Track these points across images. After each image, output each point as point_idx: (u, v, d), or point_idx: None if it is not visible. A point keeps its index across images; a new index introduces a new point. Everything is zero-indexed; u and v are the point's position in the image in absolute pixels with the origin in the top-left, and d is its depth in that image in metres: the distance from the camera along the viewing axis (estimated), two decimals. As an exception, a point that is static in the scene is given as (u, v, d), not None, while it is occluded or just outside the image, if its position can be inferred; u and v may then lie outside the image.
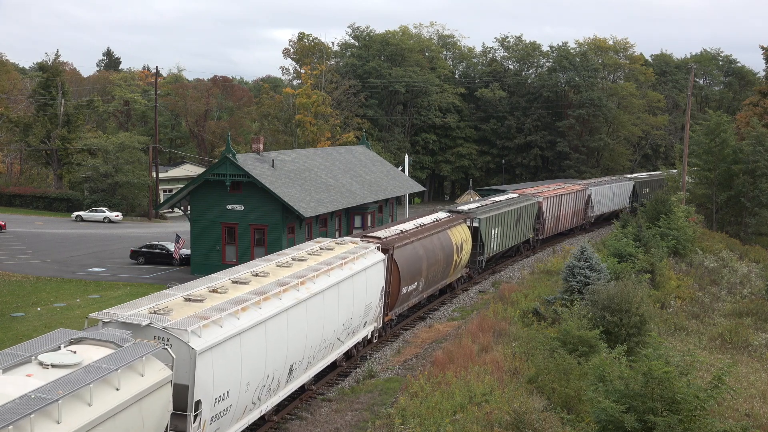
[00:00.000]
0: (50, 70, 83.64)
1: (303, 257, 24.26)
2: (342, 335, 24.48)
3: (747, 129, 66.36)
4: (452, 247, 36.26)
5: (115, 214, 71.03)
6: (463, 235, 38.36)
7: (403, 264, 30.13)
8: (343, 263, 24.44)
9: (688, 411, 17.74)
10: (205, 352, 16.34)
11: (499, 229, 44.22)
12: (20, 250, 51.99)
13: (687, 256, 47.60)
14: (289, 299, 20.31)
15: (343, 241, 27.72)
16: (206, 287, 19.70)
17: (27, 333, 31.36)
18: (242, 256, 42.82)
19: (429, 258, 33.00)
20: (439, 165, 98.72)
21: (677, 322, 33.69)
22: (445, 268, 35.89)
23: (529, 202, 50.36)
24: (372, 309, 27.11)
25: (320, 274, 22.71)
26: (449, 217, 39.32)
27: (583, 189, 61.32)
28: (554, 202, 54.66)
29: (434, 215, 38.96)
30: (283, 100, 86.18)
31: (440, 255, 34.58)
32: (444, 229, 36.16)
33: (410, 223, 34.82)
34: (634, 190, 73.06)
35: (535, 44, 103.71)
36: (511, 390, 21.88)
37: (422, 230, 34.05)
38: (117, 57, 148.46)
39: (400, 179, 59.46)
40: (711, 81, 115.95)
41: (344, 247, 26.82)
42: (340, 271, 23.91)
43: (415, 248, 31.83)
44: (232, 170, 42.64)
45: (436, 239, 34.55)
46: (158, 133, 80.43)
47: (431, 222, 36.63)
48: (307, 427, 21.62)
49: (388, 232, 31.34)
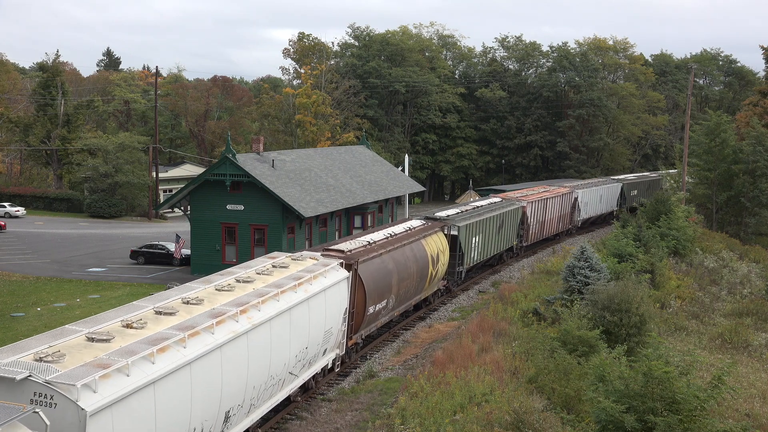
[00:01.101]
0: (50, 70, 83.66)
1: (249, 278, 20.71)
2: (295, 368, 21.13)
3: (747, 129, 66.34)
4: (427, 258, 33.16)
5: (16, 209, 70.51)
6: (439, 245, 35.31)
7: (369, 280, 27.06)
8: (297, 284, 21.05)
9: (688, 411, 17.75)
10: (99, 412, 12.78)
11: (480, 237, 41.27)
12: (20, 250, 51.99)
13: (687, 256, 47.60)
14: (223, 333, 16.93)
15: (301, 256, 24.48)
16: (119, 320, 16.03)
17: (27, 333, 31.36)
18: (242, 256, 42.83)
19: (400, 272, 29.94)
20: (439, 165, 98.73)
21: (677, 322, 33.69)
22: (419, 282, 32.71)
23: (512, 206, 47.40)
24: (333, 334, 23.84)
25: (268, 299, 19.29)
26: (424, 225, 35.98)
27: (569, 192, 58.26)
28: (539, 206, 51.67)
29: (407, 223, 35.62)
30: (283, 100, 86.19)
31: (413, 268, 31.46)
32: (418, 239, 33.00)
33: (379, 233, 31.55)
34: (622, 193, 69.97)
35: (535, 44, 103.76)
36: (511, 390, 21.89)
37: (392, 241, 30.95)
38: (117, 57, 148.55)
39: (400, 179, 59.46)
40: (711, 81, 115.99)
41: (301, 264, 23.51)
42: (292, 295, 20.58)
43: (383, 262, 28.72)
44: (232, 170, 42.64)
45: (408, 251, 31.42)
46: (158, 133, 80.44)
47: (403, 231, 33.40)
48: (307, 427, 21.63)
49: (354, 244, 28.14)
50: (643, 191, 73.65)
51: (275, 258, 24.00)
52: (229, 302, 18.48)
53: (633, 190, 72.31)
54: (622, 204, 69.45)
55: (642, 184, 74.71)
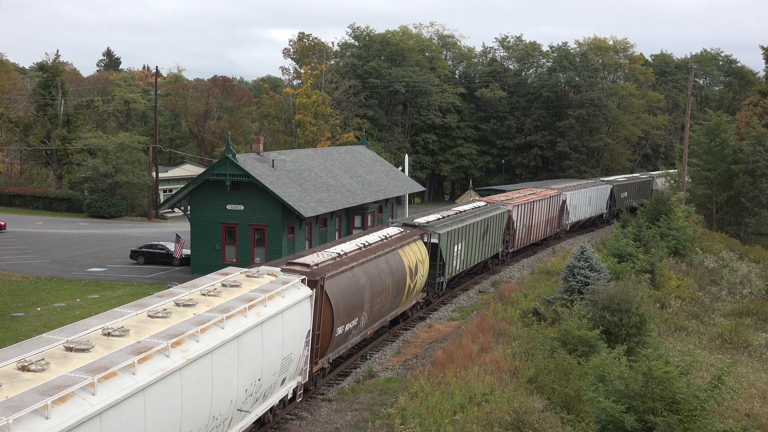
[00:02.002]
0: (50, 70, 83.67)
1: (191, 301, 18.00)
2: (246, 403, 18.49)
3: (747, 129, 66.38)
4: (404, 270, 30.45)
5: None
6: (418, 254, 32.69)
7: (337, 298, 24.30)
8: (247, 307, 18.27)
9: (688, 411, 17.76)
10: None
11: (462, 244, 38.63)
12: (20, 250, 52.00)
13: (687, 256, 47.63)
14: (148, 373, 14.14)
15: (258, 273, 21.66)
16: (15, 362, 13.25)
17: (27, 333, 31.37)
18: (242, 256, 42.89)
19: (374, 286, 27.36)
20: (439, 165, 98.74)
21: (677, 322, 33.71)
22: (396, 297, 30.05)
23: (497, 211, 44.83)
24: (293, 361, 21.09)
25: (209, 327, 16.63)
26: (402, 233, 33.31)
27: (557, 194, 55.82)
28: (526, 209, 49.08)
29: (383, 231, 32.99)
30: (283, 100, 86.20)
31: (388, 281, 28.82)
32: (394, 249, 30.35)
33: (351, 243, 28.92)
34: (612, 195, 67.59)
35: (535, 44, 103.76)
36: (511, 390, 21.90)
37: (365, 252, 28.33)
38: (117, 57, 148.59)
39: (400, 179, 59.47)
40: (711, 81, 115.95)
41: (256, 282, 20.73)
42: (241, 320, 17.86)
43: (354, 276, 26.06)
44: (232, 170, 42.65)
45: (383, 262, 28.76)
46: (158, 133, 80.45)
47: (378, 240, 30.63)
48: (307, 427, 21.64)
49: (322, 257, 25.56)
50: (633, 193, 71.88)
51: (227, 275, 21.13)
52: (161, 333, 15.74)
53: (623, 192, 70.16)
54: (611, 206, 67.69)
55: (632, 185, 72.70)
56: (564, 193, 57.03)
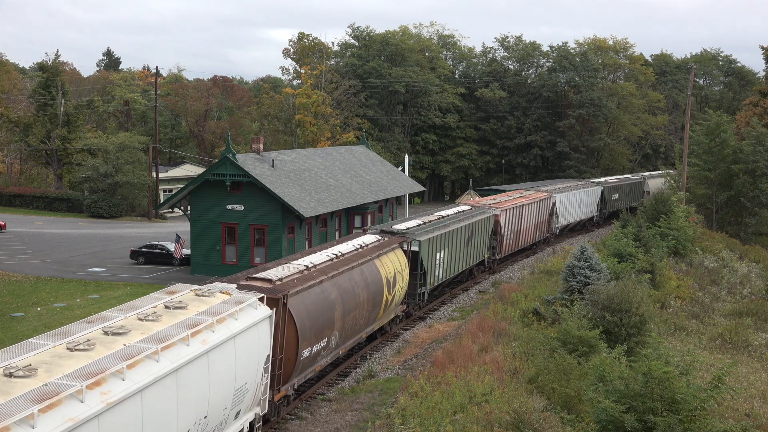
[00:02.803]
0: (50, 70, 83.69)
1: (124, 329, 15.32)
2: None
3: (747, 129, 66.38)
4: (381, 282, 28.20)
5: None
6: (397, 264, 30.31)
7: (303, 317, 21.87)
8: (191, 334, 15.69)
9: (688, 411, 17.77)
10: None
11: (445, 252, 36.51)
12: (20, 250, 52.00)
13: (687, 256, 47.64)
14: (54, 425, 11.57)
15: (210, 291, 19.15)
16: None
17: (27, 333, 31.39)
18: (242, 256, 42.91)
19: (346, 302, 24.98)
20: (439, 165, 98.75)
21: (677, 322, 33.71)
22: (372, 311, 27.76)
23: (483, 215, 42.68)
24: (249, 391, 18.67)
25: (140, 361, 14.02)
26: (379, 242, 30.80)
27: (547, 197, 53.79)
28: (514, 213, 46.94)
29: (359, 239, 30.49)
30: (283, 100, 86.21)
31: (363, 295, 26.49)
32: (370, 259, 28.05)
33: (322, 254, 26.49)
34: (603, 197, 65.57)
35: (535, 44, 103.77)
36: (511, 390, 21.91)
37: (337, 263, 25.92)
38: (117, 57, 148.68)
39: (400, 179, 59.48)
40: (711, 81, 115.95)
41: (205, 302, 18.21)
42: (182, 350, 15.24)
43: (324, 291, 23.62)
44: (232, 170, 42.66)
45: (358, 274, 26.47)
46: (158, 133, 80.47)
47: (353, 250, 28.20)
48: (307, 427, 21.64)
49: (287, 270, 23.23)
50: (624, 195, 70.19)
51: (174, 294, 18.62)
52: (78, 371, 13.03)
53: (614, 193, 68.22)
54: (602, 209, 65.87)
55: (623, 187, 70.59)
56: (554, 196, 55.16)
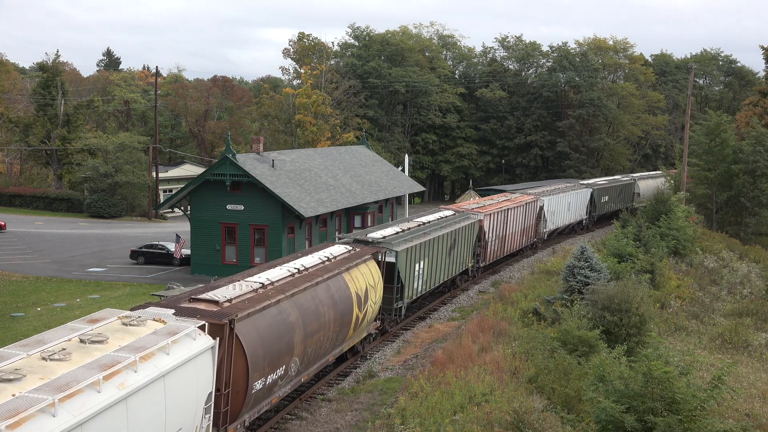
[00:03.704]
0: (50, 70, 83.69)
1: (18, 373, 12.43)
2: None
3: (747, 129, 66.36)
4: (351, 298, 25.34)
5: None
6: (369, 278, 27.42)
7: (255, 344, 19.09)
8: (103, 378, 12.89)
9: (688, 411, 17.78)
10: None
11: (425, 262, 33.94)
12: (20, 250, 52.00)
13: (687, 256, 47.66)
14: None
15: (140, 318, 16.24)
16: None
17: (27, 333, 31.39)
18: (242, 256, 42.93)
19: (309, 323, 22.10)
20: (439, 165, 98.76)
21: (677, 322, 33.73)
22: (340, 332, 24.86)
23: (466, 221, 40.25)
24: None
25: (29, 418, 11.26)
26: (349, 253, 27.98)
27: (534, 200, 51.31)
28: (499, 218, 44.54)
29: (327, 250, 27.55)
30: (283, 100, 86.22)
31: (329, 315, 23.56)
32: (338, 273, 25.11)
33: (282, 269, 23.56)
34: (592, 199, 63.12)
35: (535, 44, 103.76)
36: (511, 390, 21.92)
37: (299, 279, 23.04)
38: (117, 57, 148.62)
39: (400, 179, 59.49)
40: (711, 81, 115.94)
41: (131, 333, 15.32)
42: (91, 398, 12.50)
43: (281, 312, 20.78)
44: (232, 170, 42.67)
45: (323, 291, 23.62)
46: (158, 133, 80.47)
47: (318, 263, 25.29)
48: (307, 427, 21.64)
49: (238, 289, 20.47)
50: (614, 197, 68.00)
51: (96, 322, 15.69)
52: None
53: (604, 196, 65.68)
54: (591, 212, 63.59)
55: (613, 189, 68.03)
56: (541, 199, 52.79)
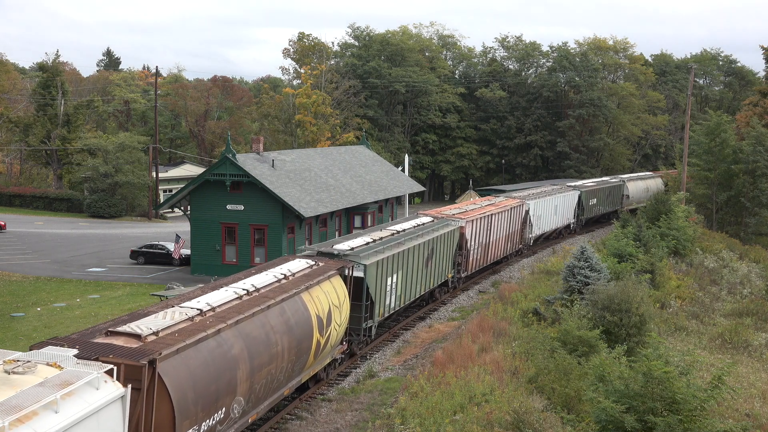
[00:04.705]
0: (50, 70, 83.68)
1: None
2: None
3: (747, 129, 66.40)
4: (310, 321, 21.95)
5: None
6: (333, 297, 24.02)
7: (184, 386, 15.75)
8: None
9: (688, 411, 17.78)
10: None
11: (399, 275, 30.88)
12: (20, 250, 52.00)
13: (687, 256, 47.67)
14: None
15: (28, 364, 12.83)
16: None
17: (27, 333, 31.42)
18: (242, 256, 42.93)
19: (256, 355, 18.84)
20: (439, 165, 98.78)
21: (677, 322, 33.73)
22: (297, 360, 21.46)
23: (446, 228, 37.08)
24: None
25: None
26: (311, 269, 24.43)
27: (519, 204, 48.64)
28: (482, 224, 41.71)
29: (285, 266, 24.02)
30: (283, 100, 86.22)
31: (283, 343, 20.25)
32: (295, 294, 21.72)
33: (227, 291, 20.19)
34: (580, 202, 60.55)
35: (535, 44, 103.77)
36: (511, 390, 21.92)
37: (245, 304, 19.59)
38: (117, 57, 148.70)
39: (400, 179, 59.49)
40: (711, 81, 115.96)
41: (12, 386, 12.11)
42: None
43: (221, 345, 17.57)
44: (232, 170, 42.67)
45: (275, 316, 20.24)
46: (158, 133, 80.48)
47: (272, 282, 21.89)
48: (307, 427, 21.64)
49: (168, 319, 17.19)
50: (603, 199, 65.58)
51: None
52: None
53: (592, 198, 63.11)
54: (579, 215, 61.09)
55: (602, 191, 65.49)
56: (527, 203, 50.09)
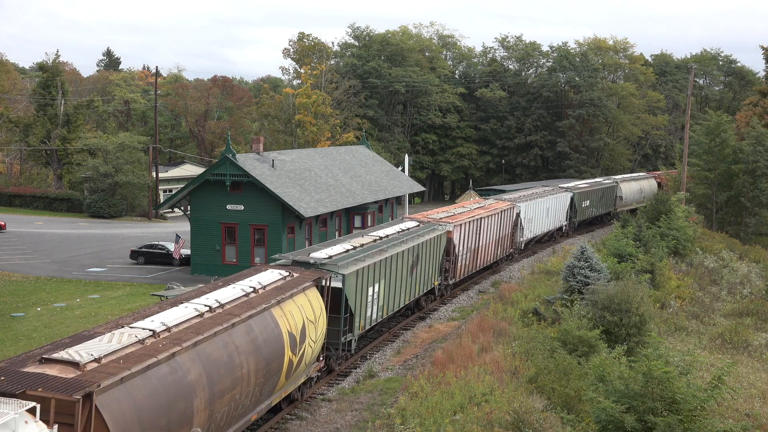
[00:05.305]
0: (50, 70, 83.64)
1: None
2: None
3: (747, 129, 66.40)
4: (281, 339, 19.83)
5: None
6: (309, 311, 21.95)
7: (128, 422, 13.92)
8: None
9: (688, 411, 17.78)
10: None
11: (382, 284, 29.04)
12: (20, 250, 52.00)
13: (687, 256, 47.68)
14: None
15: None
16: None
17: (27, 333, 31.43)
18: (242, 256, 42.91)
19: (216, 380, 16.69)
20: (439, 165, 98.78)
21: (677, 322, 33.73)
22: (266, 383, 19.32)
23: (433, 233, 35.31)
24: None
25: None
26: (284, 280, 22.30)
27: (510, 207, 46.94)
28: (470, 228, 39.98)
29: (256, 277, 21.83)
30: (283, 100, 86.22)
31: (249, 364, 18.18)
32: (264, 309, 19.57)
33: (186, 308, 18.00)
34: (572, 204, 59.16)
35: (535, 44, 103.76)
36: (511, 390, 21.92)
37: (205, 323, 17.41)
38: (117, 57, 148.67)
39: (400, 179, 59.49)
40: (711, 81, 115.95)
41: None
42: None
43: (175, 371, 15.48)
44: (232, 170, 42.67)
45: (240, 335, 18.18)
46: (158, 133, 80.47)
47: (239, 297, 19.74)
48: (307, 427, 21.64)
49: (113, 343, 15.09)
50: (596, 201, 64.37)
51: None
52: None
53: (585, 200, 61.79)
54: (572, 217, 59.80)
55: (595, 193, 64.14)
56: (518, 205, 48.48)
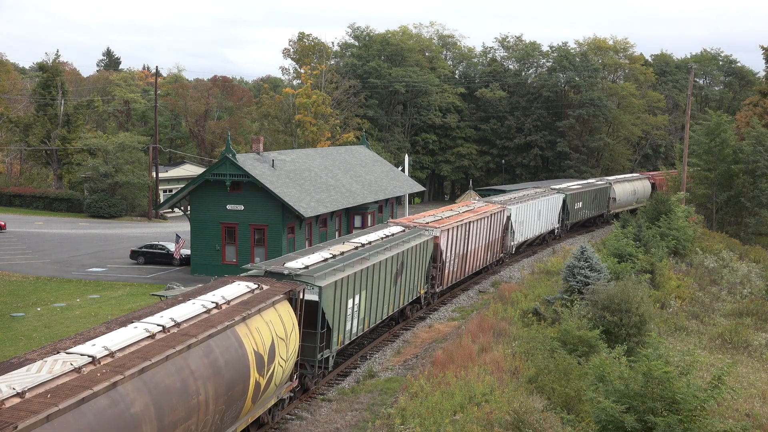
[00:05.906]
0: (50, 70, 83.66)
1: None
2: None
3: (747, 129, 66.40)
4: (246, 360, 17.94)
5: None
6: (279, 327, 19.95)
7: None
8: None
9: (688, 411, 17.78)
10: None
11: (363, 295, 27.11)
12: (20, 250, 52.00)
13: (687, 256, 47.67)
14: None
15: None
16: None
17: (27, 333, 31.43)
18: (242, 256, 42.91)
19: (167, 411, 14.87)
20: (439, 165, 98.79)
21: (677, 322, 33.73)
22: (228, 409, 17.36)
23: (419, 239, 33.44)
24: None
25: None
26: (252, 293, 20.34)
27: (500, 210, 45.24)
28: (459, 233, 38.21)
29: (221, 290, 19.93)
30: (283, 100, 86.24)
31: (207, 390, 16.21)
32: (226, 328, 17.61)
33: (136, 328, 16.12)
34: (565, 206, 57.63)
35: (535, 44, 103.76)
36: (511, 390, 21.92)
37: (155, 346, 15.49)
38: (117, 57, 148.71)
39: (400, 179, 59.48)
40: (711, 81, 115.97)
41: None
42: None
43: (116, 403, 13.69)
44: (232, 170, 42.67)
45: (197, 357, 16.23)
46: (158, 133, 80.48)
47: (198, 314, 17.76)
48: (307, 427, 21.64)
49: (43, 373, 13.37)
50: (588, 203, 62.70)
51: None
52: None
53: (577, 202, 60.21)
54: (564, 219, 58.21)
55: (587, 194, 62.44)
56: (509, 208, 46.86)
